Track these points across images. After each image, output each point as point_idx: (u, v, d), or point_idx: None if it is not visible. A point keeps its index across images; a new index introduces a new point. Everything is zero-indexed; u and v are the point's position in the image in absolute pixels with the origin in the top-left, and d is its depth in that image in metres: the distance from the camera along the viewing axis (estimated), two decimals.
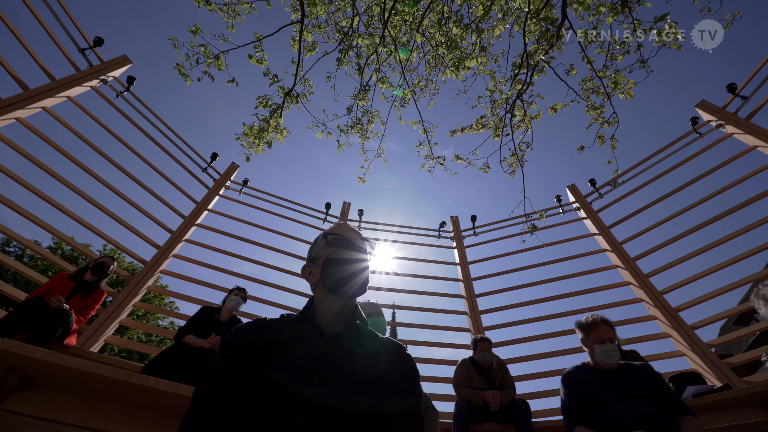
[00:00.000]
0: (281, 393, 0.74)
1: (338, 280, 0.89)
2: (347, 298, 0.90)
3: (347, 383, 0.78)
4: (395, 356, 0.87)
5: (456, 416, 3.00)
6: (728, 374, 3.87)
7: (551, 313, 5.11)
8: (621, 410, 1.67)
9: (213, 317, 3.30)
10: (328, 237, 0.97)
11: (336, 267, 0.90)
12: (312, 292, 0.97)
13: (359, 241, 0.97)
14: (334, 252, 0.93)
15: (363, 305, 1.97)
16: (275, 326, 0.89)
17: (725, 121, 5.19)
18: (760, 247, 4.29)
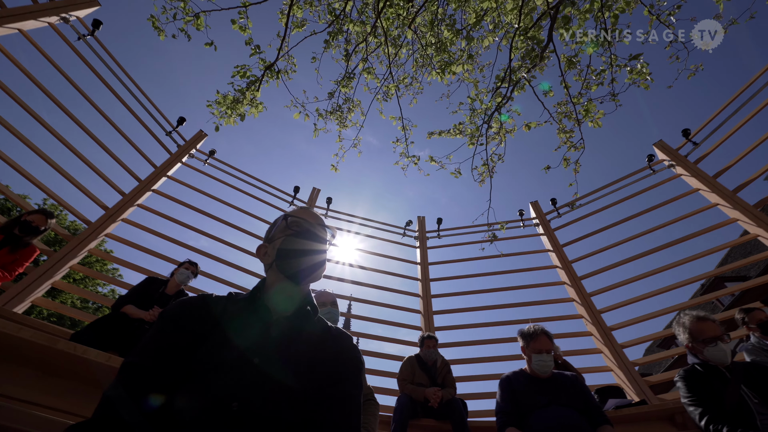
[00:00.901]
0: (218, 373, 0.72)
1: (293, 263, 0.87)
2: (299, 283, 0.89)
3: (289, 368, 0.76)
4: (341, 345, 0.87)
5: (396, 410, 3.07)
6: (646, 391, 4.25)
7: (499, 320, 5.36)
8: (549, 415, 1.79)
9: (158, 289, 3.13)
10: (288, 219, 0.94)
11: (292, 250, 0.88)
12: (264, 273, 0.95)
13: (320, 227, 0.95)
14: (293, 235, 0.91)
15: (318, 294, 1.95)
16: (221, 303, 0.85)
17: (676, 162, 5.65)
18: (688, 280, 4.75)
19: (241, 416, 0.69)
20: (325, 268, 0.93)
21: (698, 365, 1.90)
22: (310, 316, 0.89)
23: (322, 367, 0.80)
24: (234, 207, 5.63)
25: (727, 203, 4.98)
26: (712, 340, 1.84)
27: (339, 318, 1.85)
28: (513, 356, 4.89)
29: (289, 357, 0.78)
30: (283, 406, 0.72)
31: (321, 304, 1.85)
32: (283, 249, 0.89)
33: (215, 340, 0.77)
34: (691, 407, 1.78)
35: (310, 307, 0.91)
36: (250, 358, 0.75)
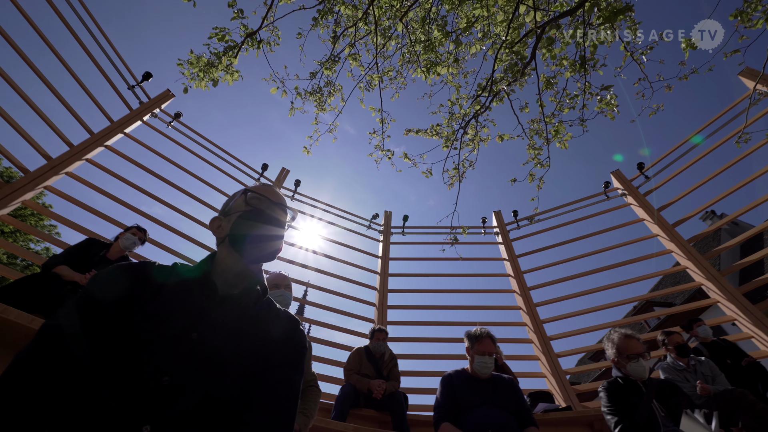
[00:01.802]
0: (151, 344, 0.68)
1: (247, 240, 0.84)
2: (252, 261, 0.86)
3: (228, 346, 0.74)
4: (287, 329, 0.85)
5: (339, 398, 3.09)
6: (573, 398, 4.58)
7: (448, 321, 5.55)
8: (482, 414, 1.88)
9: (99, 252, 2.92)
10: (248, 194, 0.90)
11: (248, 226, 0.85)
12: (216, 247, 0.91)
13: (280, 207, 0.92)
14: (251, 211, 0.87)
15: (272, 275, 1.90)
16: (164, 273, 0.81)
17: (628, 192, 6.10)
18: (623, 301, 5.18)
19: (172, 391, 0.65)
20: (280, 249, 0.91)
21: (620, 378, 2.08)
22: (258, 296, 0.86)
23: (264, 349, 0.78)
24: (194, 176, 5.35)
25: (666, 235, 5.45)
26: (635, 357, 2.02)
27: (291, 302, 1.82)
28: (457, 356, 5.08)
29: (231, 335, 0.76)
30: (218, 384, 0.70)
31: (274, 286, 1.81)
32: (239, 224, 0.86)
33: (152, 310, 0.73)
34: (609, 416, 1.95)
35: (260, 287, 0.88)
36: (189, 333, 0.72)
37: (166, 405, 0.64)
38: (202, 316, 0.75)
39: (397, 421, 3.00)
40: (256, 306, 0.84)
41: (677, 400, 1.97)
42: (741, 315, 4.46)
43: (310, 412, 1.65)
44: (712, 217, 17.85)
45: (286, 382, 0.77)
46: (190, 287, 0.80)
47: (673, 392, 2.00)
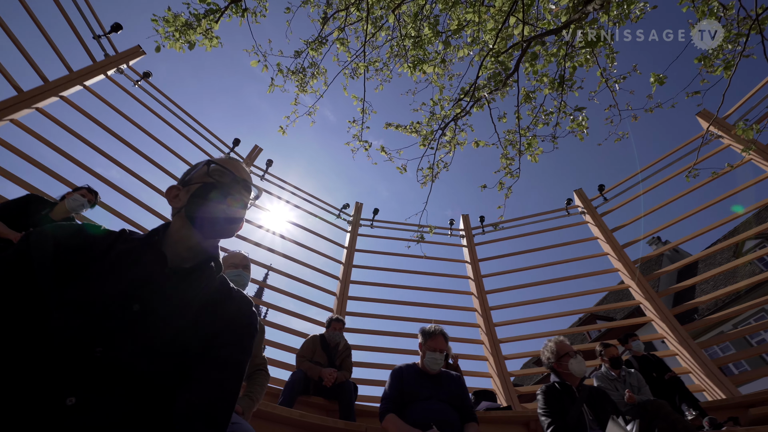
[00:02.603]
0: (86, 312, 0.64)
1: (205, 213, 0.80)
2: (207, 236, 0.82)
3: (172, 321, 0.71)
4: (238, 309, 0.83)
5: (288, 384, 3.07)
6: (514, 399, 4.83)
7: (405, 316, 5.65)
8: (427, 408, 1.94)
9: (41, 210, 2.69)
10: (211, 166, 0.86)
11: (208, 199, 0.81)
12: (171, 217, 0.86)
13: (245, 183, 0.88)
14: (212, 184, 0.83)
15: (232, 254, 1.84)
16: (108, 239, 0.76)
17: (587, 210, 6.45)
18: (570, 312, 5.52)
19: (104, 363, 0.62)
20: (240, 227, 0.88)
21: (557, 383, 2.22)
22: (212, 273, 0.83)
23: (211, 327, 0.76)
24: (158, 141, 5.05)
25: (615, 255, 5.84)
26: (574, 354, 2.18)
27: (248, 283, 1.77)
28: (410, 351, 5.19)
29: (176, 310, 0.72)
30: (157, 360, 0.66)
31: (232, 265, 1.75)
32: (198, 196, 0.81)
33: (92, 276, 0.68)
34: (543, 417, 2.07)
35: (214, 264, 0.84)
36: (130, 304, 0.68)
37: (96, 377, 0.61)
38: (147, 287, 0.71)
39: (344, 409, 3.03)
40: (207, 283, 0.81)
41: (605, 406, 2.14)
42: (670, 334, 4.89)
43: (255, 396, 1.62)
44: (657, 243, 19.34)
45: (231, 364, 0.75)
46: (137, 256, 0.75)
47: (602, 399, 2.16)
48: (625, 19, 3.44)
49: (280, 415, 2.34)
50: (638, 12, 3.44)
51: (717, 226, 4.96)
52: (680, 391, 3.31)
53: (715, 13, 3.16)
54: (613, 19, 3.44)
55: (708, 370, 4.38)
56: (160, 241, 0.81)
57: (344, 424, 2.45)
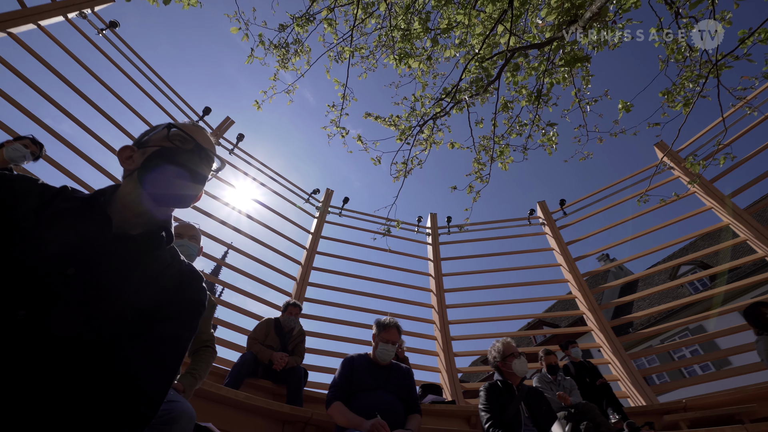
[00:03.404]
0: (12, 270, 0.58)
1: (160, 179, 0.75)
2: (160, 204, 0.77)
3: (111, 289, 0.66)
4: (186, 283, 0.79)
5: (236, 366, 3.00)
6: (459, 394, 5.02)
7: (363, 307, 5.70)
8: (373, 398, 1.97)
9: None
10: (172, 129, 0.81)
11: (164, 164, 0.76)
12: (121, 179, 0.80)
13: (207, 153, 0.83)
14: (171, 149, 0.78)
15: (182, 225, 1.75)
16: (46, 194, 0.69)
17: (547, 222, 6.77)
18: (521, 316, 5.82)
19: (28, 328, 0.57)
20: (196, 197, 0.83)
21: (500, 381, 2.33)
22: (161, 243, 0.78)
23: (155, 299, 0.72)
24: (119, 98, 4.69)
25: (567, 267, 6.19)
26: (518, 354, 2.30)
27: (195, 254, 1.69)
28: (364, 341, 5.25)
29: (117, 278, 0.68)
30: (89, 327, 0.62)
31: (177, 235, 1.66)
32: (154, 160, 0.76)
33: (21, 234, 0.62)
34: (483, 412, 2.17)
35: (165, 233, 0.80)
36: (64, 267, 0.62)
37: (15, 343, 0.56)
38: (86, 250, 0.66)
39: (292, 394, 3.01)
40: (156, 252, 0.76)
41: (540, 406, 2.28)
42: (606, 344, 5.28)
43: (199, 374, 1.57)
44: (605, 259, 20.77)
45: (173, 339, 0.71)
46: (78, 216, 0.69)
47: (539, 398, 2.30)
48: (603, 45, 3.61)
49: (225, 395, 2.29)
50: (616, 40, 3.62)
51: (658, 250, 5.40)
52: (608, 396, 3.60)
53: (682, 53, 3.39)
54: (593, 44, 3.60)
55: (634, 379, 4.78)
56: (106, 203, 0.75)
57: (290, 409, 2.44)
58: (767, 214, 13.29)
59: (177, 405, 1.21)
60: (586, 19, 2.63)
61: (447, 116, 3.80)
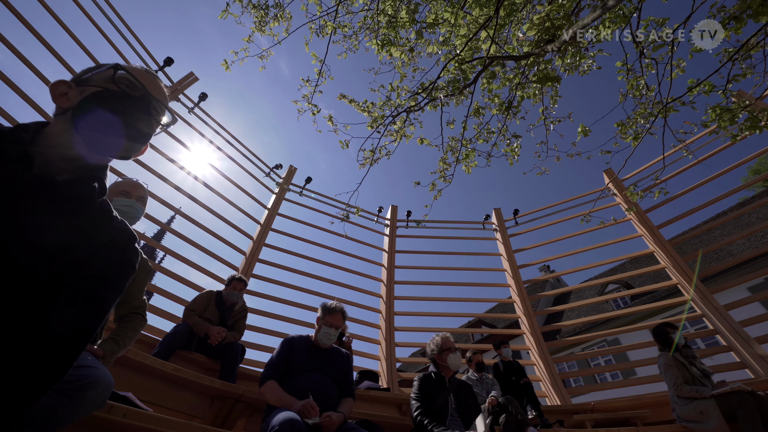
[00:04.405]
0: None
1: (97, 123, 0.68)
2: (95, 151, 0.70)
3: (24, 237, 0.59)
4: (117, 241, 0.72)
5: (168, 336, 2.85)
6: (395, 382, 5.18)
7: (312, 289, 5.65)
8: (309, 379, 1.97)
9: None
10: (119, 72, 0.73)
11: (105, 108, 0.68)
12: (53, 116, 0.71)
13: (157, 104, 0.76)
14: (115, 93, 0.70)
15: (127, 181, 1.60)
16: None
17: (500, 229, 7.10)
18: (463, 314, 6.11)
19: None
20: (139, 151, 0.76)
21: (434, 373, 2.44)
22: (91, 195, 0.71)
23: (78, 254, 0.65)
24: (68, 31, 4.17)
25: (511, 273, 6.56)
26: (454, 350, 2.41)
27: (139, 218, 1.57)
28: (308, 323, 5.23)
29: (33, 225, 0.61)
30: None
31: (123, 193, 1.53)
32: (93, 101, 0.68)
33: None
34: (413, 401, 2.26)
35: (98, 185, 0.72)
36: None
37: None
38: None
39: (226, 370, 2.93)
40: (82, 203, 0.69)
41: (467, 399, 2.41)
42: (535, 347, 5.70)
43: (123, 340, 1.46)
44: (546, 270, 22.33)
45: (92, 298, 0.65)
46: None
47: (467, 392, 2.43)
48: (574, 69, 3.80)
49: (151, 366, 2.17)
50: (586, 68, 3.83)
51: (591, 267, 5.89)
52: (529, 394, 3.90)
53: (639, 90, 3.67)
54: (566, 66, 3.79)
55: (554, 381, 5.23)
56: (30, 141, 0.66)
57: (221, 385, 2.37)
58: (686, 247, 14.99)
59: (93, 371, 1.12)
60: (562, 41, 2.75)
61: (421, 111, 3.82)
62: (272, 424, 1.53)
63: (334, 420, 1.75)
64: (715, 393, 2.80)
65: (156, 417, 1.41)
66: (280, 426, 1.49)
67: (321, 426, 1.73)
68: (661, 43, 3.15)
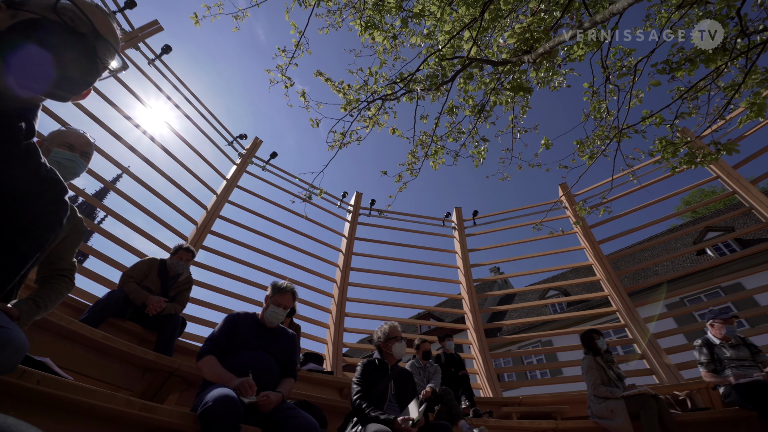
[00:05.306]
0: None
1: (29, 55, 0.59)
2: (23, 86, 0.61)
3: None
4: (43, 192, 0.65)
5: (100, 301, 2.65)
6: (339, 367, 5.23)
7: (266, 268, 5.51)
8: (250, 357, 1.93)
9: None
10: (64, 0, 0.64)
11: (41, 39, 0.60)
12: None
13: (106, 45, 0.68)
14: (56, 23, 0.62)
15: (72, 131, 1.45)
16: None
17: (458, 228, 7.33)
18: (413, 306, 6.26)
19: None
20: (80, 94, 0.68)
21: (377, 360, 2.49)
22: (14, 135, 0.62)
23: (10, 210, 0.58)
24: None
25: (463, 271, 6.82)
26: (400, 339, 2.47)
27: (79, 174, 1.43)
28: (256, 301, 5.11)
29: None
30: None
31: (65, 144, 1.38)
32: (28, 30, 0.60)
33: None
34: (354, 385, 2.30)
35: (25, 125, 0.64)
36: None
37: None
38: None
39: (163, 342, 2.78)
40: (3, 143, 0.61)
41: (407, 386, 2.49)
42: (476, 342, 6.00)
43: (44, 302, 1.33)
44: (496, 271, 23.50)
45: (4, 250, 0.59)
46: None
47: (407, 379, 2.52)
48: (546, 83, 3.96)
49: (77, 331, 2.01)
50: (557, 84, 4.01)
51: (536, 273, 6.29)
52: (465, 386, 4.12)
53: (600, 113, 3.91)
54: (539, 79, 3.93)
55: (490, 375, 5.56)
56: None
57: (155, 357, 2.25)
58: (620, 263, 16.44)
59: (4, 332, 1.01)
60: (538, 54, 2.84)
61: (396, 101, 3.80)
62: (206, 399, 1.49)
63: (271, 399, 1.73)
64: (625, 394, 3.13)
65: (75, 385, 1.31)
66: (214, 402, 1.45)
67: (258, 405, 1.71)
68: (625, 72, 3.37)
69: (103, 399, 1.36)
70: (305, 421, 1.68)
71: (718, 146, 3.14)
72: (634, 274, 16.32)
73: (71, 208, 1.38)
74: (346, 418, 2.28)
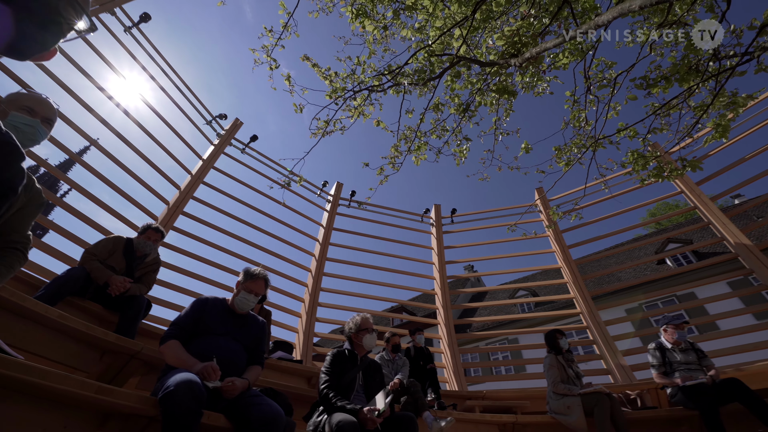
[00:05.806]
0: None
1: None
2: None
3: None
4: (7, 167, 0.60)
5: (58, 279, 2.52)
6: (308, 356, 5.22)
7: (239, 254, 5.40)
8: (217, 343, 1.89)
9: None
10: None
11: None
12: None
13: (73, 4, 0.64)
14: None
15: (34, 95, 1.35)
16: None
17: (436, 225, 7.42)
18: (387, 299, 6.29)
19: None
20: (40, 54, 0.63)
21: (347, 350, 2.50)
22: None
23: None
24: None
25: (438, 267, 6.92)
26: (371, 331, 2.49)
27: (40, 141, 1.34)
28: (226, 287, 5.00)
29: None
30: None
31: (26, 108, 1.29)
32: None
33: None
34: (323, 374, 2.30)
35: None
36: None
37: None
38: None
39: (125, 324, 2.67)
40: None
41: (374, 378, 2.52)
42: (446, 337, 6.13)
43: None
44: (470, 269, 24.00)
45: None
46: None
47: (376, 371, 2.54)
48: (530, 88, 4.04)
49: (31, 309, 1.90)
50: (541, 90, 4.10)
51: (508, 273, 6.47)
52: (432, 379, 4.21)
53: (580, 122, 4.03)
54: (524, 83, 4.01)
55: (457, 369, 5.70)
56: None
57: (116, 338, 2.16)
58: (587, 268, 17.17)
59: None
60: (524, 58, 2.89)
61: (383, 93, 3.77)
62: (168, 384, 1.45)
63: (236, 386, 1.71)
64: (581, 392, 3.30)
65: (26, 365, 1.24)
66: (176, 386, 1.42)
67: (222, 391, 1.68)
68: (606, 84, 3.48)
69: (56, 380, 1.30)
70: (269, 409, 1.67)
71: (684, 163, 3.31)
72: (598, 279, 17.10)
73: (29, 177, 1.29)
74: (313, 406, 2.29)
